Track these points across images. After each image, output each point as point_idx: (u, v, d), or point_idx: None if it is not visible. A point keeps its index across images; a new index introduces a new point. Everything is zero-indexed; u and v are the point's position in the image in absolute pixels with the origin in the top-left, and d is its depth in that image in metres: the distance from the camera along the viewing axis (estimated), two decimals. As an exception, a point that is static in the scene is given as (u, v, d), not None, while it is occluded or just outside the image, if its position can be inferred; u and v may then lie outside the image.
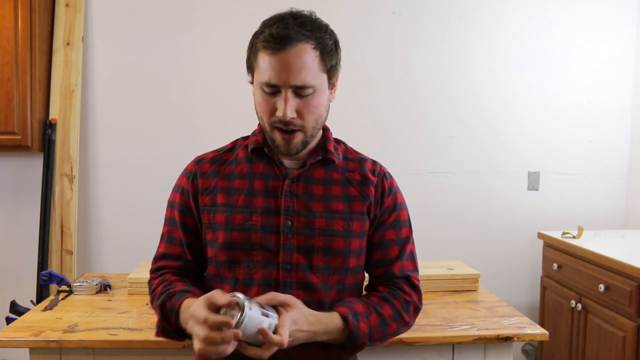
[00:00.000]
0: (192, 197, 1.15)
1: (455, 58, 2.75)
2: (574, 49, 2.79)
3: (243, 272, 1.08)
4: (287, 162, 1.14)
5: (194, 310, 0.93)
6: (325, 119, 1.13)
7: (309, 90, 1.04)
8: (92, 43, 2.61)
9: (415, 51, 2.73)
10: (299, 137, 1.07)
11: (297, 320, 0.98)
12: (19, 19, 2.40)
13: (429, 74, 2.74)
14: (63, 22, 2.55)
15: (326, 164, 1.15)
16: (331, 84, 1.11)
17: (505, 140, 2.81)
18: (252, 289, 1.06)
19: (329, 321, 1.04)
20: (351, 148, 1.23)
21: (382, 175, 1.18)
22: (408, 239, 1.20)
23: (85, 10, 2.59)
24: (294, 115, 1.04)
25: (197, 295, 1.02)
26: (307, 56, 1.02)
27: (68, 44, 2.56)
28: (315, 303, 1.07)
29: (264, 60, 1.03)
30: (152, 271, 1.20)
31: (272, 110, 1.05)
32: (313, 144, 1.14)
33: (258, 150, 1.14)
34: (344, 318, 1.05)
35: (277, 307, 0.98)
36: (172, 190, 1.20)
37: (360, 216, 1.12)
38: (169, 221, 1.20)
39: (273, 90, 1.03)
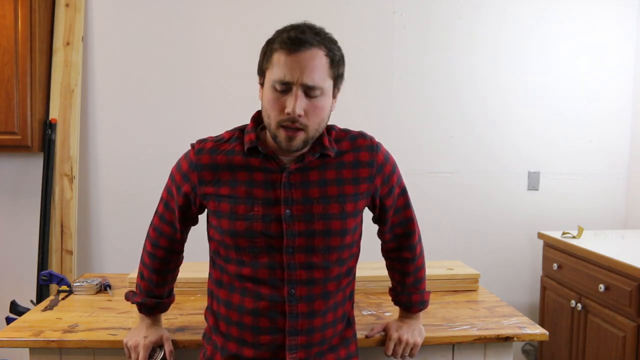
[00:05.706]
0: (191, 185, 1.21)
1: (455, 58, 2.75)
2: (574, 49, 2.79)
3: (249, 257, 1.16)
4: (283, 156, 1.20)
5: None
6: (326, 123, 1.19)
7: (317, 92, 1.11)
8: (92, 43, 2.61)
9: (415, 51, 2.73)
10: (301, 136, 1.12)
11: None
12: (19, 19, 2.40)
13: (429, 74, 2.74)
14: (63, 22, 2.55)
15: (323, 157, 1.21)
16: (335, 93, 1.19)
17: (506, 140, 2.81)
18: (258, 271, 1.16)
19: (418, 317, 1.38)
20: (339, 129, 1.27)
21: (376, 148, 1.25)
22: (405, 189, 1.34)
23: (85, 10, 2.59)
24: (302, 112, 1.10)
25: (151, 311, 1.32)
26: (319, 60, 1.11)
27: (68, 44, 2.56)
28: (317, 280, 1.17)
29: (279, 60, 1.10)
30: (147, 237, 1.31)
31: (282, 108, 1.11)
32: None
33: (253, 149, 1.19)
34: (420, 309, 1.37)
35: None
36: (175, 169, 1.26)
37: (353, 197, 1.20)
38: (164, 197, 1.28)
39: (284, 88, 1.10)
